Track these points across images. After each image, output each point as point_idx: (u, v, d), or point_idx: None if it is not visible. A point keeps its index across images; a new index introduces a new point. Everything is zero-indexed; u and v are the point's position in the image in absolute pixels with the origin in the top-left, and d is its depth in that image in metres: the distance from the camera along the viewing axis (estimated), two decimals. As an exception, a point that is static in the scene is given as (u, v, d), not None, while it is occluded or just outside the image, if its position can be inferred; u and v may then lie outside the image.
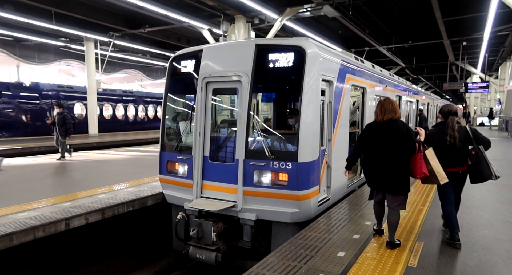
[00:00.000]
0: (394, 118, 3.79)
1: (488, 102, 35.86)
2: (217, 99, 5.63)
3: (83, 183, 7.21)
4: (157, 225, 6.65)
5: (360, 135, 4.18)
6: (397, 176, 3.76)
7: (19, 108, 17.74)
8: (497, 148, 14.58)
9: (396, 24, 17.95)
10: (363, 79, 7.08)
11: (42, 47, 22.71)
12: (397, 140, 3.71)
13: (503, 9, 12.33)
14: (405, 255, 3.66)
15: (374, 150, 3.86)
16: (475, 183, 4.06)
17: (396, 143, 3.71)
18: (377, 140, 3.83)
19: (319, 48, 5.00)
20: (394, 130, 3.75)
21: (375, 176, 3.92)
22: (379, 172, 3.85)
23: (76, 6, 14.32)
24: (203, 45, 5.59)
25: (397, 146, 3.71)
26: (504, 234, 4.30)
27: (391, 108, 3.81)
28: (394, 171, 3.75)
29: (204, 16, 14.31)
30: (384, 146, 3.77)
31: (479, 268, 3.40)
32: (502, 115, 25.71)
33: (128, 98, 24.38)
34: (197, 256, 4.96)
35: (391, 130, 3.75)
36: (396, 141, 3.71)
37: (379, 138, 3.81)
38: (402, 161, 3.73)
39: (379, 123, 3.86)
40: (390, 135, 3.75)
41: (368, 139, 3.93)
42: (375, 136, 3.85)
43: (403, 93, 11.16)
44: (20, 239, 4.39)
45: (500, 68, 28.47)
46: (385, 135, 3.77)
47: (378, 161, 3.84)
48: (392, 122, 3.79)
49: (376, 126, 3.88)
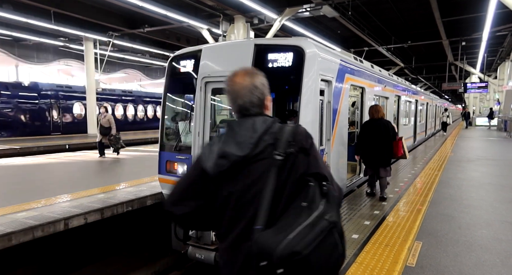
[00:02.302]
0: (381, 116, 5.61)
1: (487, 102, 35.90)
2: (216, 99, 5.63)
3: (83, 182, 7.21)
4: (156, 225, 6.65)
5: (361, 128, 5.93)
6: (386, 154, 5.64)
7: (18, 108, 17.72)
8: (496, 148, 14.62)
9: (395, 24, 17.98)
10: (362, 79, 7.09)
11: (41, 47, 22.68)
12: (386, 131, 5.47)
13: (502, 10, 12.36)
14: (404, 254, 3.67)
15: (371, 138, 5.61)
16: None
17: (386, 133, 5.48)
18: (372, 131, 5.59)
19: (318, 48, 5.01)
20: (384, 124, 5.56)
21: (372, 156, 5.70)
22: (375, 153, 5.63)
23: (75, 6, 14.31)
24: (202, 45, 5.59)
25: (386, 135, 5.48)
26: (502, 234, 4.31)
27: (380, 110, 5.68)
28: (385, 151, 5.59)
29: (204, 16, 14.31)
30: (377, 135, 5.53)
31: (477, 267, 3.41)
32: (501, 115, 25.75)
33: (127, 98, 24.38)
34: (196, 255, 4.96)
35: (381, 125, 5.53)
36: (386, 131, 5.47)
37: (374, 130, 5.58)
38: (389, 145, 5.56)
39: (372, 120, 5.60)
40: (381, 128, 5.50)
41: (366, 130, 5.71)
42: (371, 129, 5.64)
43: (402, 93, 11.17)
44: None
45: (499, 69, 28.49)
46: (378, 128, 5.48)
47: (374, 145, 5.61)
48: (380, 119, 5.58)
49: (371, 122, 5.60)
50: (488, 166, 9.60)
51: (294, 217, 1.27)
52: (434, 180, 7.48)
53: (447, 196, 6.12)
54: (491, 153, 12.51)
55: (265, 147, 1.39)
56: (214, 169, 1.40)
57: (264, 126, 1.44)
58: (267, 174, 1.36)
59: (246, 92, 1.48)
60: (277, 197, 1.34)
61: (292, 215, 1.28)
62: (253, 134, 1.41)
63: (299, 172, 1.39)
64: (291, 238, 1.20)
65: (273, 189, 1.33)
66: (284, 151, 1.37)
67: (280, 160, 1.36)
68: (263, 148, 1.39)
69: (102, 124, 10.68)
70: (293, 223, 1.25)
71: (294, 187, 1.37)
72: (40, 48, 23.02)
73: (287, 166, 1.37)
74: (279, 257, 1.17)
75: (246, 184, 1.39)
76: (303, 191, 1.34)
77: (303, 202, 1.30)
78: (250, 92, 1.48)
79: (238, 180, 1.40)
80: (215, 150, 1.42)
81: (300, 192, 1.35)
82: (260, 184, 1.36)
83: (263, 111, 1.52)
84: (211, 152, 1.43)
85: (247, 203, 1.38)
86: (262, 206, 1.31)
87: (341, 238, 1.30)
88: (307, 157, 1.43)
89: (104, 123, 10.66)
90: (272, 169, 1.36)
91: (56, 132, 19.11)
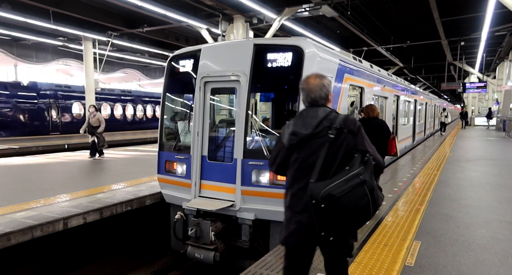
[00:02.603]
0: (376, 115, 5.65)
1: (486, 102, 35.95)
2: (216, 99, 5.63)
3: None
4: (155, 225, 6.65)
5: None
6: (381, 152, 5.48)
7: (16, 108, 17.69)
8: (494, 148, 14.65)
9: (394, 24, 17.99)
10: (361, 79, 7.09)
11: (40, 46, 22.64)
12: (381, 130, 5.46)
13: (500, 10, 12.38)
14: (403, 254, 3.68)
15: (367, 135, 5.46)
16: None
17: (381, 131, 5.45)
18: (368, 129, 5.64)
19: (317, 48, 5.01)
20: (379, 123, 5.53)
21: None
22: None
23: (74, 6, 14.28)
24: (202, 45, 5.59)
25: (381, 133, 5.44)
26: (501, 233, 4.32)
27: (375, 109, 5.72)
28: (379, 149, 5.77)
29: (203, 15, 14.30)
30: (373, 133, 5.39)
31: (476, 267, 3.42)
32: (499, 115, 25.78)
33: (127, 98, 24.35)
34: (196, 255, 4.97)
35: (377, 124, 5.50)
36: (381, 130, 5.46)
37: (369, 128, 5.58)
38: (383, 143, 5.51)
39: (368, 119, 5.59)
40: (376, 127, 5.49)
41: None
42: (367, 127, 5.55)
43: (401, 93, 11.19)
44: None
45: (498, 68, 28.52)
46: (373, 127, 5.45)
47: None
48: (376, 118, 5.58)
49: (367, 121, 5.55)
50: (486, 165, 9.62)
51: (338, 176, 1.95)
52: (433, 179, 7.49)
53: (446, 196, 6.13)
54: (490, 153, 12.54)
55: (323, 128, 2.05)
56: (287, 142, 2.12)
57: (324, 114, 2.10)
58: (322, 147, 2.03)
59: (317, 89, 2.15)
60: (328, 162, 2.01)
61: (337, 175, 1.96)
62: (316, 119, 2.07)
63: (349, 147, 2.04)
64: (330, 186, 1.89)
65: (324, 156, 2.00)
66: (335, 131, 2.01)
67: (332, 138, 2.02)
68: (321, 129, 2.05)
69: (91, 124, 10.57)
70: (336, 179, 1.92)
71: (344, 157, 2.02)
72: (39, 47, 22.98)
73: (338, 142, 2.03)
74: (321, 198, 1.88)
75: (307, 153, 2.08)
76: (350, 160, 2.00)
77: (347, 167, 1.97)
78: (320, 89, 2.16)
79: (303, 150, 2.09)
80: (289, 129, 2.12)
81: (348, 161, 2.00)
82: (316, 153, 2.03)
83: (326, 104, 2.20)
84: (286, 131, 2.14)
85: (307, 166, 2.06)
86: (316, 168, 2.00)
87: (371, 192, 1.93)
88: (355, 137, 2.08)
89: (93, 123, 10.56)
90: (326, 143, 2.02)
91: (55, 132, 19.08)
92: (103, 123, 10.61)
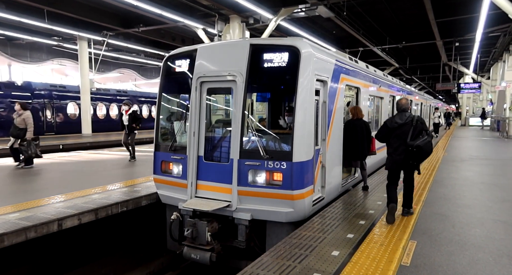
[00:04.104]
0: (361, 117, 6.33)
1: (480, 102, 36.20)
2: (212, 99, 5.62)
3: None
4: (151, 225, 6.62)
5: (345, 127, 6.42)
6: (366, 150, 6.39)
7: (10, 108, 17.51)
8: (489, 147, 14.77)
9: (390, 25, 18.09)
10: (357, 79, 7.12)
11: (34, 46, 22.48)
12: (367, 130, 6.25)
13: (494, 11, 12.50)
14: (399, 254, 3.69)
15: (354, 135, 6.24)
16: None
17: (367, 131, 6.24)
18: (355, 130, 6.27)
19: (313, 48, 5.02)
20: (365, 124, 6.30)
21: (354, 151, 6.31)
22: (357, 148, 6.28)
23: (69, 5, 14.19)
24: (198, 45, 5.58)
25: (367, 133, 6.23)
26: (495, 233, 4.35)
27: (362, 111, 6.39)
28: (365, 147, 6.35)
29: (199, 15, 14.28)
30: (360, 133, 6.22)
31: (471, 266, 3.44)
32: (493, 115, 25.99)
33: (122, 98, 24.21)
34: (192, 256, 4.95)
35: (363, 124, 6.25)
36: (367, 130, 6.24)
37: (356, 129, 6.26)
38: (368, 142, 6.31)
39: (355, 120, 6.25)
40: (362, 127, 6.22)
41: (350, 129, 6.31)
42: (354, 128, 6.29)
43: (396, 93, 11.24)
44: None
45: (492, 69, 28.76)
46: (360, 127, 6.19)
47: (355, 142, 6.24)
48: (361, 119, 6.28)
49: (353, 122, 6.26)
50: (481, 165, 9.69)
51: (418, 139, 4.57)
52: (428, 179, 7.53)
53: (441, 196, 6.17)
54: (484, 153, 12.63)
55: (409, 121, 4.69)
56: (391, 126, 4.80)
57: (408, 114, 4.78)
58: (408, 128, 4.65)
59: (405, 103, 4.88)
60: (413, 134, 4.60)
61: (417, 139, 4.58)
62: (405, 116, 4.75)
63: (419, 128, 4.67)
64: (418, 142, 4.51)
65: (411, 131, 4.62)
66: (415, 122, 4.67)
67: (413, 125, 4.65)
68: (408, 121, 4.69)
69: (16, 125, 8.41)
70: (417, 140, 4.55)
71: (419, 132, 4.64)
72: (34, 47, 22.81)
73: (416, 127, 4.66)
74: (414, 146, 4.50)
75: (402, 131, 4.69)
76: (421, 133, 4.64)
77: (420, 135, 4.61)
78: (407, 104, 4.89)
79: (398, 130, 4.72)
80: (393, 120, 4.80)
81: (420, 133, 4.63)
82: (406, 131, 4.65)
83: (408, 110, 4.85)
84: (391, 120, 4.83)
85: (402, 135, 4.67)
86: (409, 136, 4.59)
87: (431, 145, 4.67)
88: (422, 125, 4.71)
89: (18, 124, 8.40)
90: (411, 127, 4.64)
91: (50, 132, 18.92)
92: (30, 126, 8.34)
